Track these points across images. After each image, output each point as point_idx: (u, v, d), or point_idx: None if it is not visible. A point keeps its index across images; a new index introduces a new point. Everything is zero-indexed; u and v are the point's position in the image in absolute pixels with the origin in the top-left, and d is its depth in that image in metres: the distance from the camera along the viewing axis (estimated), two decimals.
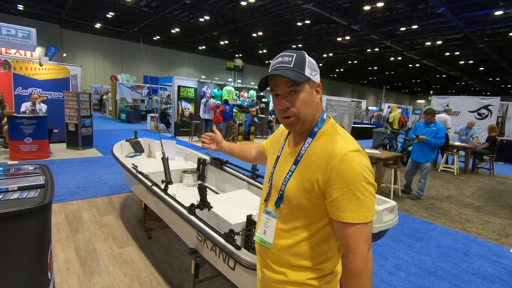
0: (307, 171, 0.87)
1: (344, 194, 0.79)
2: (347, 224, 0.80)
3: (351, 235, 0.80)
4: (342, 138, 0.87)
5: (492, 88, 30.80)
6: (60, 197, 4.01)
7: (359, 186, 0.79)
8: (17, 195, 1.40)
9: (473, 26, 12.13)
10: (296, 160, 0.91)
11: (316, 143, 0.89)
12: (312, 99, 0.89)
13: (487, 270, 2.86)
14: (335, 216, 0.82)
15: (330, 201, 0.82)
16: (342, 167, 0.80)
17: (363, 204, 0.79)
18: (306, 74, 0.86)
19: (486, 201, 5.20)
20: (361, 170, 0.80)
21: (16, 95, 7.18)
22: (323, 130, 0.91)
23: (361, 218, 0.79)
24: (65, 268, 2.44)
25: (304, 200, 0.87)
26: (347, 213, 0.79)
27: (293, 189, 0.89)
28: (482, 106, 10.22)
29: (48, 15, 16.92)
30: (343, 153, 0.81)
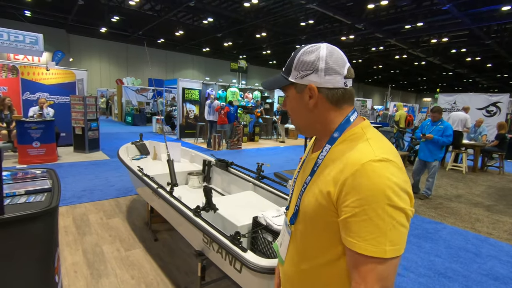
0: (322, 183, 0.72)
1: (357, 216, 0.62)
2: (357, 254, 0.63)
3: (358, 268, 0.64)
4: (368, 144, 0.69)
5: (500, 85, 30.29)
6: (67, 200, 4.05)
7: (378, 208, 0.61)
8: (24, 199, 1.41)
9: (479, 22, 11.94)
10: (312, 170, 0.78)
11: (337, 149, 0.74)
12: (300, 105, 0.78)
13: (499, 270, 2.80)
14: (344, 241, 0.66)
15: (341, 220, 0.66)
16: (358, 180, 0.63)
17: (381, 233, 0.60)
18: (291, 77, 0.77)
19: (496, 200, 5.10)
20: (384, 186, 0.61)
21: (24, 99, 7.29)
22: (348, 135, 0.74)
23: (377, 251, 0.61)
24: (72, 271, 2.46)
25: (318, 218, 0.72)
26: (358, 240, 0.62)
27: (308, 204, 0.75)
28: (491, 103, 10.05)
29: (54, 20, 17.19)
30: (363, 162, 0.64)
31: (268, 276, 1.42)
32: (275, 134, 12.67)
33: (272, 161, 7.50)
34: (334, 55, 0.74)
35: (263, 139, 12.08)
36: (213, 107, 9.18)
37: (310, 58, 0.75)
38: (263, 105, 12.22)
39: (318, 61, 0.74)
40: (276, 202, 2.43)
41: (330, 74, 0.73)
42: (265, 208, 2.28)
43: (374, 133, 0.75)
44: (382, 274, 0.62)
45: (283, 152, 9.16)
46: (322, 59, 0.74)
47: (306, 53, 0.75)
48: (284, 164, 7.11)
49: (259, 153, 8.87)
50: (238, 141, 9.52)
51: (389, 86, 23.17)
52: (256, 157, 7.97)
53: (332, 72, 0.73)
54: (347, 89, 0.76)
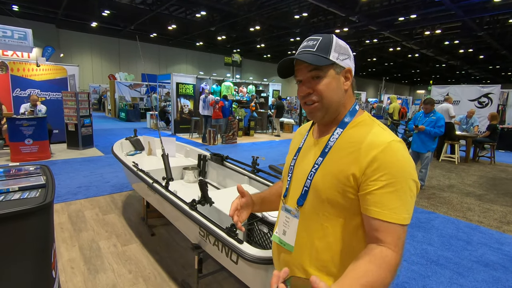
0: (340, 163, 0.76)
1: (385, 188, 0.69)
2: (383, 222, 0.69)
3: (389, 232, 0.69)
4: (382, 129, 0.77)
5: (492, 76, 30.63)
6: (62, 197, 4.03)
7: (404, 182, 0.69)
8: (18, 196, 1.41)
9: (472, 13, 12.01)
10: (323, 152, 0.81)
11: (350, 133, 0.79)
12: (338, 86, 0.80)
13: (489, 257, 2.88)
14: (368, 211, 0.71)
15: (366, 193, 0.71)
16: (387, 157, 0.70)
17: (403, 204, 0.69)
18: (331, 58, 0.78)
19: (487, 189, 5.20)
20: (408, 164, 0.71)
21: (14, 96, 7.17)
22: (358, 120, 0.81)
23: (399, 218, 0.68)
24: (69, 267, 2.46)
25: (337, 195, 0.76)
26: (385, 209, 0.68)
27: (322, 182, 0.78)
28: (483, 95, 10.17)
29: (43, 15, 16.83)
30: (388, 141, 0.72)
31: (264, 266, 1.44)
32: (270, 128, 12.69)
33: (267, 154, 7.52)
34: None
35: (258, 133, 12.09)
36: (208, 102, 9.14)
37: (344, 44, 0.82)
38: (258, 99, 12.20)
39: (350, 49, 0.82)
40: None
41: (353, 63, 0.83)
42: None
43: (378, 122, 0.82)
44: (403, 240, 0.71)
45: (278, 146, 9.19)
46: (349, 48, 0.82)
47: (337, 39, 0.81)
48: (279, 158, 7.14)
49: (254, 147, 8.89)
50: (233, 136, 9.51)
51: (383, 79, 23.30)
52: (252, 151, 7.98)
53: (353, 61, 0.83)
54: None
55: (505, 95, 11.05)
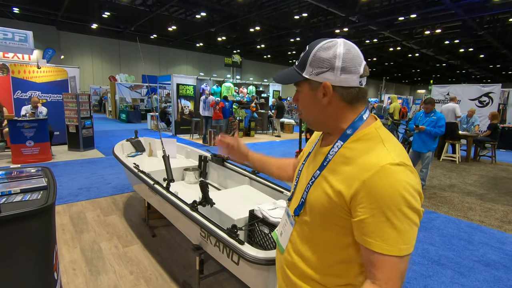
0: (333, 180, 0.73)
1: (375, 217, 0.64)
2: (376, 253, 0.65)
3: (381, 266, 0.66)
4: (384, 147, 0.70)
5: (493, 75, 30.58)
6: (64, 198, 4.04)
7: (396, 209, 0.63)
8: (20, 198, 1.41)
9: (472, 13, 12.00)
10: (321, 165, 0.78)
11: (349, 147, 0.74)
12: (313, 102, 0.76)
13: (491, 257, 2.88)
14: (361, 240, 0.68)
15: (358, 220, 0.67)
16: (376, 182, 0.64)
17: (398, 233, 0.63)
18: (304, 73, 0.75)
19: (488, 188, 5.20)
20: (401, 189, 0.63)
21: (15, 98, 7.19)
22: (362, 134, 0.74)
23: (394, 250, 0.64)
24: (71, 268, 2.47)
25: (327, 213, 0.74)
26: (377, 240, 0.64)
27: (316, 197, 0.77)
28: (483, 94, 10.16)
29: (44, 17, 16.88)
30: (381, 165, 0.65)
31: (265, 267, 1.44)
32: (270, 128, 12.69)
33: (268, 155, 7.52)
34: (351, 53, 0.72)
35: (258, 133, 12.10)
36: (208, 103, 9.15)
37: (327, 54, 0.72)
38: (258, 99, 12.21)
39: (335, 59, 0.71)
40: (272, 195, 2.46)
41: (346, 73, 0.71)
42: (261, 201, 2.30)
43: (387, 134, 0.75)
44: (402, 271, 0.66)
45: (278, 146, 9.19)
46: (339, 56, 0.71)
47: (323, 49, 0.73)
48: None
49: (255, 147, 8.89)
50: (234, 136, 9.51)
51: (383, 79, 23.28)
52: None
53: (349, 71, 0.71)
54: (361, 88, 0.75)
55: (505, 94, 11.04)
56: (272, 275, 1.46)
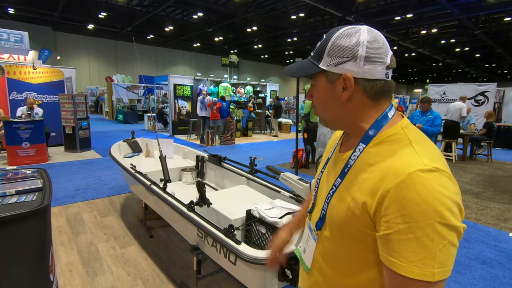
0: (355, 189, 0.64)
1: (400, 233, 0.54)
2: (400, 276, 0.55)
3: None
4: (413, 149, 0.60)
5: (488, 75, 30.80)
6: (60, 200, 4.02)
7: (427, 226, 0.52)
8: (15, 199, 1.41)
9: (468, 12, 12.08)
10: (342, 172, 0.69)
11: (372, 152, 0.64)
12: (329, 97, 0.67)
13: (487, 254, 2.90)
14: (384, 260, 0.58)
15: (381, 235, 0.57)
16: (403, 193, 0.54)
17: (429, 254, 0.52)
18: (321, 65, 0.66)
19: (484, 187, 5.23)
20: (434, 201, 0.52)
21: (11, 100, 7.14)
22: (387, 135, 0.64)
23: (423, 274, 0.53)
24: (68, 270, 2.46)
25: (349, 227, 0.64)
26: (401, 261, 0.54)
27: (336, 210, 0.68)
28: (479, 93, 10.23)
29: (40, 18, 16.78)
30: (409, 172, 0.55)
31: (262, 267, 1.44)
32: (268, 128, 12.70)
33: (265, 155, 7.53)
34: (377, 40, 0.63)
35: (256, 133, 12.10)
36: (205, 103, 9.14)
37: (349, 42, 0.63)
38: (256, 99, 12.21)
39: (358, 47, 0.62)
40: (269, 195, 2.46)
41: (371, 63, 0.63)
42: (258, 201, 2.31)
43: (418, 134, 0.65)
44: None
45: (276, 146, 9.20)
46: (363, 44, 0.62)
47: (344, 35, 0.64)
48: (278, 158, 7.15)
49: (252, 148, 8.89)
50: (232, 137, 9.52)
51: None
52: (250, 152, 7.99)
53: (373, 60, 0.63)
54: (387, 81, 0.66)
55: (501, 93, 11.13)
56: (269, 275, 1.46)
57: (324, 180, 0.78)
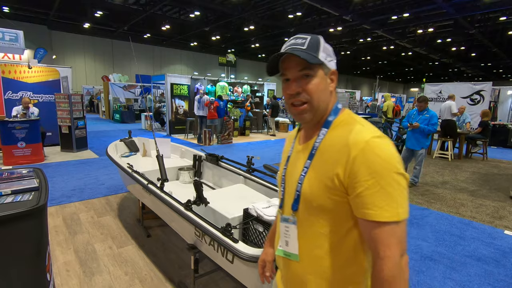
0: (325, 166, 0.75)
1: (370, 188, 0.67)
2: (375, 223, 0.67)
3: (379, 237, 0.67)
4: (362, 126, 0.75)
5: (484, 74, 31.02)
6: (56, 200, 4.00)
7: (388, 177, 0.67)
8: (11, 199, 1.40)
9: (464, 12, 12.17)
10: (310, 154, 0.80)
11: (333, 134, 0.78)
12: (326, 86, 0.79)
13: (482, 252, 2.93)
14: (361, 214, 0.69)
15: (354, 196, 0.69)
16: (366, 155, 0.68)
17: (393, 199, 0.66)
18: (320, 58, 0.77)
19: (480, 185, 5.28)
20: (390, 158, 0.68)
21: (6, 99, 7.07)
22: (340, 120, 0.80)
23: (392, 215, 0.66)
24: (65, 270, 2.45)
25: (325, 200, 0.74)
26: (375, 209, 0.67)
27: (311, 187, 0.77)
28: (475, 92, 10.31)
29: (35, 16, 16.64)
30: (366, 139, 0.70)
31: None
32: (265, 127, 12.70)
33: (263, 154, 7.54)
34: None
35: (253, 133, 12.10)
36: (203, 102, 9.12)
37: (329, 47, 0.81)
38: (253, 98, 12.21)
39: (333, 52, 0.83)
40: (267, 194, 2.47)
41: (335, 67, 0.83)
42: (256, 200, 2.31)
43: (359, 118, 0.81)
44: (400, 236, 0.68)
45: (274, 145, 9.21)
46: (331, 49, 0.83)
47: (323, 40, 0.80)
48: (275, 157, 7.16)
49: (250, 147, 8.90)
50: (229, 136, 9.51)
51: (377, 77, 23.45)
52: (247, 151, 7.99)
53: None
54: None
55: (496, 92, 11.22)
56: None
57: (290, 172, 0.87)
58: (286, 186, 0.88)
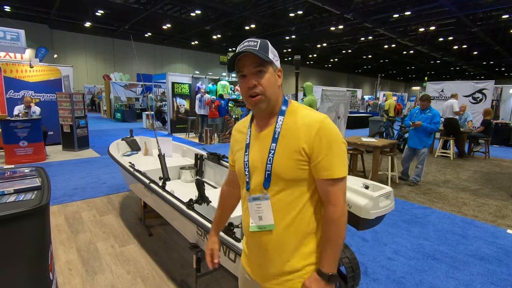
0: (291, 144, 0.92)
1: (329, 155, 0.89)
2: (331, 180, 0.90)
3: (333, 190, 0.91)
4: (310, 111, 0.97)
5: (486, 72, 30.89)
6: (58, 199, 4.01)
7: (338, 146, 0.91)
8: (13, 198, 1.40)
9: (466, 10, 12.09)
10: (274, 138, 0.95)
11: (291, 119, 0.96)
12: (275, 81, 0.95)
13: (485, 251, 2.92)
14: (324, 175, 0.90)
15: (317, 163, 0.90)
16: (323, 131, 0.90)
17: (342, 161, 0.91)
18: (270, 57, 0.92)
19: (482, 184, 5.26)
20: (337, 132, 0.92)
21: (8, 98, 7.09)
22: (291, 109, 0.99)
23: (342, 173, 0.91)
24: (67, 269, 2.45)
25: (296, 171, 0.92)
26: (334, 170, 0.89)
27: (282, 164, 0.92)
28: (477, 90, 10.26)
29: (36, 15, 16.64)
30: (320, 120, 0.91)
31: None
32: None
33: None
34: None
35: None
36: (204, 101, 9.12)
37: (274, 50, 0.97)
38: None
39: (277, 53, 0.99)
40: None
41: None
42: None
43: (304, 106, 1.01)
44: (344, 189, 0.94)
45: None
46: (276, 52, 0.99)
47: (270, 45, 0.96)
48: None
49: None
50: (230, 134, 9.50)
51: (378, 76, 23.37)
52: None
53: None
54: None
55: (498, 90, 11.16)
56: None
57: (254, 158, 0.99)
58: (251, 170, 1.00)
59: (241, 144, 1.07)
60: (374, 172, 4.85)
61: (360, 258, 2.57)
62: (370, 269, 2.54)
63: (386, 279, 2.41)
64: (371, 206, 1.49)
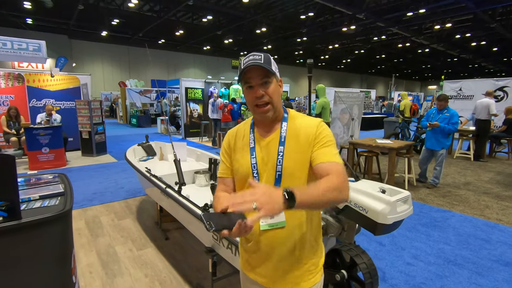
0: (299, 145, 1.04)
1: (325, 145, 1.02)
2: (331, 163, 0.98)
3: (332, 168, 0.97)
4: (307, 116, 1.13)
5: (507, 69, 29.66)
6: (79, 203, 4.14)
7: (331, 141, 1.05)
8: (39, 204, 1.46)
9: (483, 5, 11.68)
10: (281, 142, 1.06)
11: (292, 124, 1.09)
12: (278, 91, 1.06)
13: (510, 256, 2.79)
14: (322, 159, 0.99)
15: (316, 152, 1.02)
16: (321, 130, 1.05)
17: (336, 152, 1.04)
18: (273, 69, 1.03)
19: (505, 186, 5.05)
20: (329, 131, 1.08)
21: (31, 107, 7.42)
22: (291, 115, 1.13)
23: (337, 159, 1.01)
24: (88, 272, 2.53)
25: (305, 166, 1.03)
26: (330, 155, 1.00)
27: (292, 164, 1.03)
28: (497, 88, 9.86)
29: (56, 27, 17.34)
30: (318, 123, 1.07)
31: None
32: None
33: None
34: None
35: None
36: (217, 105, 9.21)
37: (275, 61, 1.08)
38: None
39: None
40: None
41: None
42: None
43: (301, 114, 1.15)
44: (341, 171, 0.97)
45: None
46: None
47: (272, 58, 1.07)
48: None
49: None
50: None
51: (393, 76, 22.89)
52: None
53: None
54: None
55: None
56: None
57: (262, 163, 1.07)
58: (260, 172, 1.06)
59: (243, 149, 1.12)
60: (390, 174, 4.75)
61: (377, 263, 2.52)
62: (388, 275, 2.48)
63: (405, 285, 2.35)
64: (388, 211, 1.47)
